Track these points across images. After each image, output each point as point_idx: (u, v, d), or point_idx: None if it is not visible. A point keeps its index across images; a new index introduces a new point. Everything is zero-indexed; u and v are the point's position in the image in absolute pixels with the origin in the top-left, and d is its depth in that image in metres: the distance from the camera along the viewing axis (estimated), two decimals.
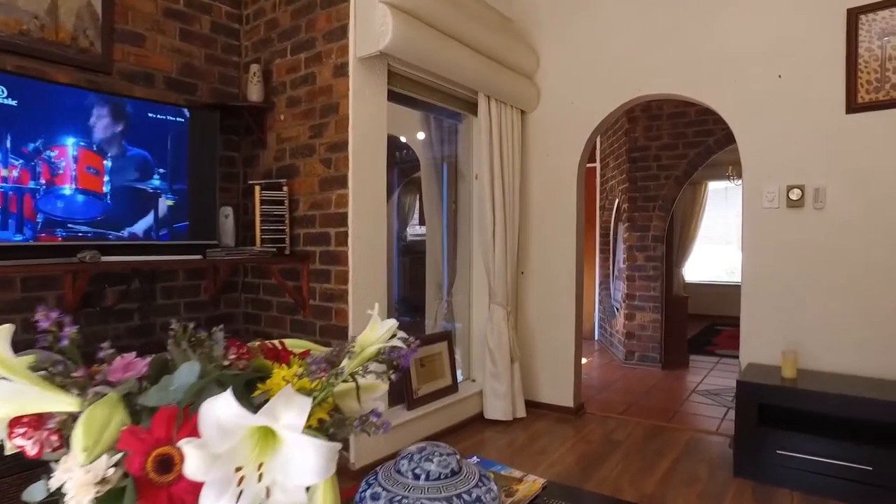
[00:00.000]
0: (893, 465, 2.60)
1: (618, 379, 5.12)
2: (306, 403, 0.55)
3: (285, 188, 3.08)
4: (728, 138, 5.02)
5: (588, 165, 7.02)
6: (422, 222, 4.24)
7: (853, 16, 3.12)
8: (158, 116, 2.57)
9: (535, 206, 4.09)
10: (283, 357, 0.90)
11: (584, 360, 5.85)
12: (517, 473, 1.59)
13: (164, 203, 2.64)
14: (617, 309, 6.17)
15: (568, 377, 4.01)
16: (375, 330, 0.73)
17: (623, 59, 3.74)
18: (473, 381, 4.06)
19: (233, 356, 0.80)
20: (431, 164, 4.07)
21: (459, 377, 4.04)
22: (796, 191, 3.20)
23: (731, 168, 6.89)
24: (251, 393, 0.77)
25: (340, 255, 2.91)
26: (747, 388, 2.94)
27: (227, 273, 3.25)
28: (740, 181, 7.55)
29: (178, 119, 2.64)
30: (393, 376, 0.76)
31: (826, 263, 3.13)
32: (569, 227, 3.96)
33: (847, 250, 3.08)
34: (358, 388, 0.74)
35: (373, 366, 0.75)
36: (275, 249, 2.97)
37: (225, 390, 0.60)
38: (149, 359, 0.73)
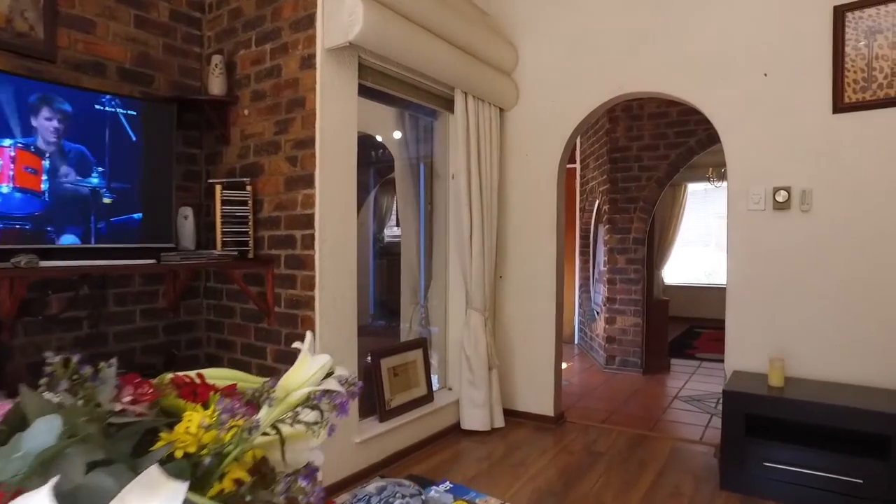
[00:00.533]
0: (884, 478, 2.50)
1: (599, 385, 5.00)
2: (177, 493, 0.38)
3: (249, 187, 2.89)
4: (710, 139, 4.94)
5: (568, 166, 6.92)
6: (399, 223, 4.07)
7: (839, 13, 3.02)
8: (108, 109, 2.37)
9: (513, 208, 3.95)
10: (200, 394, 0.73)
11: (563, 366, 5.72)
12: (493, 502, 1.43)
13: (112, 203, 2.43)
14: (597, 312, 6.06)
15: (548, 385, 3.87)
16: (304, 368, 0.57)
17: (605, 56, 3.62)
18: (450, 389, 3.90)
19: (128, 398, 0.63)
20: (406, 164, 3.90)
21: (436, 385, 3.88)
22: (783, 193, 3.09)
23: (712, 170, 6.84)
24: (153, 444, 0.60)
25: (306, 259, 2.73)
26: (734, 397, 2.82)
27: (188, 278, 3.04)
28: (721, 183, 7.52)
29: (130, 112, 2.44)
30: (326, 431, 0.59)
31: (813, 267, 3.03)
32: (549, 230, 3.82)
33: (835, 254, 2.99)
34: (283, 440, 0.57)
35: (305, 413, 0.58)
36: (236, 253, 2.78)
37: (100, 455, 0.44)
38: (7, 406, 0.56)
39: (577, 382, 5.13)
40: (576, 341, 6.93)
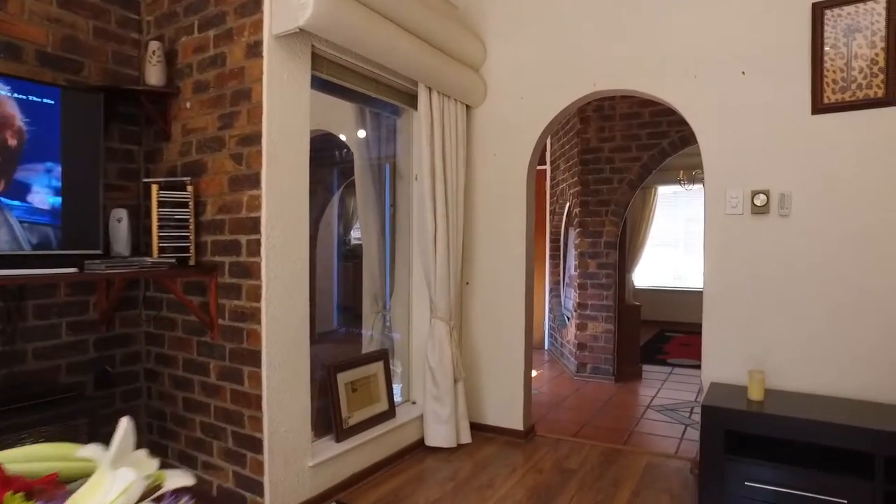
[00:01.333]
0: (869, 498, 2.36)
1: (570, 394, 4.83)
2: None
3: (190, 188, 2.62)
4: (683, 141, 4.82)
5: (538, 168, 6.76)
6: (360, 227, 3.84)
7: (818, 11, 2.89)
8: (16, 96, 2.08)
9: (481, 210, 3.75)
10: None
11: (533, 374, 5.55)
12: None
13: (22, 204, 2.15)
14: (568, 318, 5.91)
15: (517, 398, 3.68)
16: (100, 490, 0.34)
17: (577, 52, 3.44)
18: (414, 403, 3.68)
19: None
20: (368, 164, 3.67)
21: (399, 399, 3.66)
22: (761, 196, 2.95)
23: (683, 172, 6.75)
24: None
25: (252, 267, 2.48)
26: (712, 413, 2.66)
27: (122, 287, 2.76)
28: (692, 186, 7.46)
29: (45, 101, 2.16)
30: None
31: (794, 274, 2.90)
32: (518, 234, 3.63)
33: (815, 260, 2.85)
34: None
35: None
36: (174, 260, 2.51)
37: None
38: None
39: (548, 391, 4.96)
40: (546, 347, 6.77)
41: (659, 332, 8.26)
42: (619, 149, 5.15)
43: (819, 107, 2.88)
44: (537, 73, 3.56)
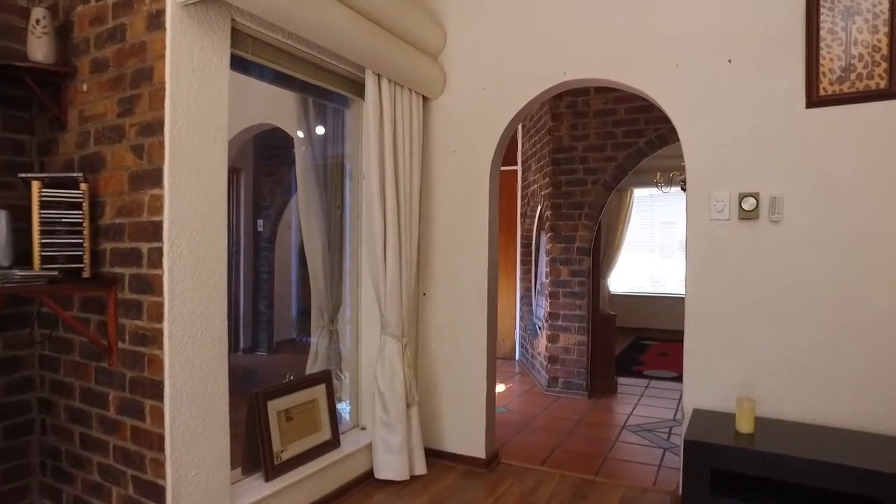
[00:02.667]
0: None
1: (540, 413, 4.47)
2: None
3: (84, 186, 2.20)
4: (661, 140, 4.50)
5: (509, 168, 6.41)
6: (302, 233, 3.42)
7: None
8: None
9: (439, 213, 3.37)
10: None
11: (501, 388, 5.19)
12: None
13: None
14: (539, 328, 5.56)
15: (479, 422, 3.30)
16: None
17: (546, 39, 3.08)
18: (363, 429, 3.29)
19: None
20: (311, 160, 3.27)
21: (347, 424, 3.26)
22: (750, 200, 2.62)
23: (660, 174, 6.45)
24: None
25: (154, 281, 2.07)
26: (697, 450, 2.31)
27: (4, 302, 2.32)
28: (669, 189, 7.16)
29: None
30: None
31: (786, 288, 2.57)
32: (480, 239, 3.26)
33: (810, 272, 2.53)
34: None
35: None
36: (56, 273, 2.07)
37: None
38: None
39: (517, 408, 4.59)
40: (516, 357, 6.42)
41: (635, 341, 7.96)
42: (594, 148, 4.81)
43: (814, 99, 2.55)
44: (502, 61, 3.20)
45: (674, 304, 8.91)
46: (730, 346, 2.67)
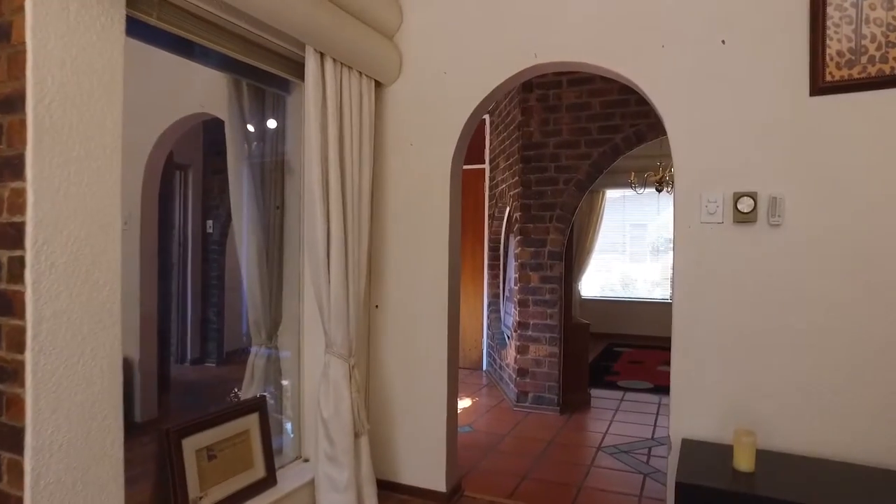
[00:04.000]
0: None
1: (508, 432, 4.10)
2: None
3: None
4: (638, 136, 4.18)
5: (476, 167, 6.04)
6: (236, 236, 3.00)
7: None
8: None
9: (394, 214, 2.97)
10: None
11: (467, 403, 4.81)
12: None
13: None
14: (508, 337, 5.20)
15: (439, 450, 2.91)
16: None
17: (515, 16, 2.71)
18: (306, 461, 2.87)
19: None
20: (243, 152, 2.83)
21: (289, 457, 2.84)
22: (747, 200, 2.28)
23: (634, 174, 6.16)
24: None
25: (14, 300, 1.62)
26: (690, 495, 1.96)
27: None
28: (643, 190, 6.89)
29: None
30: None
31: (788, 300, 2.24)
32: (440, 243, 2.87)
33: (815, 283, 2.20)
34: None
35: None
36: None
37: None
38: None
39: (483, 427, 4.21)
40: (484, 368, 6.04)
41: (607, 347, 7.67)
42: (566, 144, 4.46)
43: (820, 86, 2.23)
44: (465, 42, 2.82)
45: (646, 309, 8.67)
46: (723, 368, 2.33)
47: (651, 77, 2.46)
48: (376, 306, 3.01)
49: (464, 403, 4.81)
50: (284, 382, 2.94)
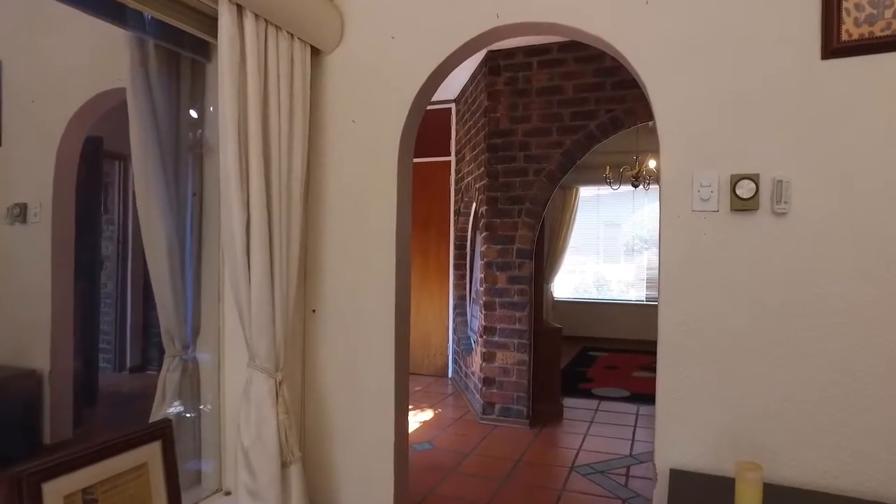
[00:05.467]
0: None
1: (472, 449, 3.69)
2: None
3: None
4: (615, 123, 3.81)
5: (441, 159, 5.63)
6: (142, 229, 2.52)
7: None
8: None
9: (333, 202, 2.54)
10: None
11: (429, 415, 4.40)
12: None
13: None
14: (474, 342, 4.80)
15: (385, 477, 2.49)
16: None
17: None
18: (228, 494, 2.42)
19: None
20: (151, 127, 2.36)
21: (207, 486, 2.39)
22: (747, 184, 1.91)
23: (609, 168, 5.82)
24: None
25: None
26: None
27: None
28: (619, 186, 6.55)
29: None
30: None
31: (795, 303, 1.87)
32: (386, 236, 2.45)
33: (827, 281, 1.84)
34: None
35: None
36: None
37: None
38: None
39: (444, 444, 3.80)
40: (449, 375, 5.64)
41: (581, 352, 7.32)
42: (536, 132, 4.08)
43: (834, 47, 1.86)
44: (417, 2, 2.40)
45: (621, 311, 8.36)
46: (718, 383, 1.95)
47: (633, 39, 2.08)
48: (313, 311, 2.58)
49: (425, 416, 4.40)
50: (202, 403, 2.49)
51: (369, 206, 2.47)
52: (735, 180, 1.92)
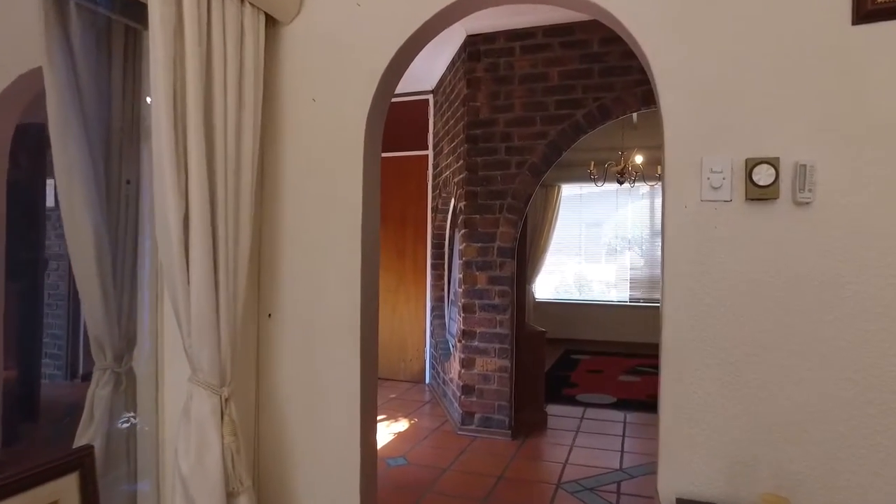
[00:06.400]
0: None
1: (450, 464, 3.41)
2: None
3: None
4: (603, 112, 3.56)
5: (418, 153, 5.34)
6: (64, 222, 2.19)
7: None
8: None
9: (290, 192, 2.23)
10: None
11: (404, 425, 4.11)
12: None
13: None
14: (453, 346, 4.51)
15: (349, 502, 2.19)
16: None
17: None
18: None
19: None
20: (74, 105, 2.04)
21: None
22: (765, 169, 1.65)
23: (594, 164, 5.58)
24: None
25: None
26: None
27: None
28: (603, 183, 6.32)
29: None
30: None
31: (822, 306, 1.62)
32: (351, 231, 2.15)
33: (860, 281, 1.59)
34: None
35: None
36: None
37: None
38: None
39: (420, 459, 3.51)
40: (427, 381, 5.35)
41: (564, 355, 7.08)
42: (519, 122, 3.81)
43: (868, 9, 1.61)
44: None
45: (603, 312, 8.14)
46: (732, 400, 1.69)
47: (633, 4, 1.81)
48: (269, 315, 2.27)
49: (400, 426, 4.11)
50: (136, 421, 2.17)
51: (332, 197, 2.17)
52: (751, 165, 1.66)
